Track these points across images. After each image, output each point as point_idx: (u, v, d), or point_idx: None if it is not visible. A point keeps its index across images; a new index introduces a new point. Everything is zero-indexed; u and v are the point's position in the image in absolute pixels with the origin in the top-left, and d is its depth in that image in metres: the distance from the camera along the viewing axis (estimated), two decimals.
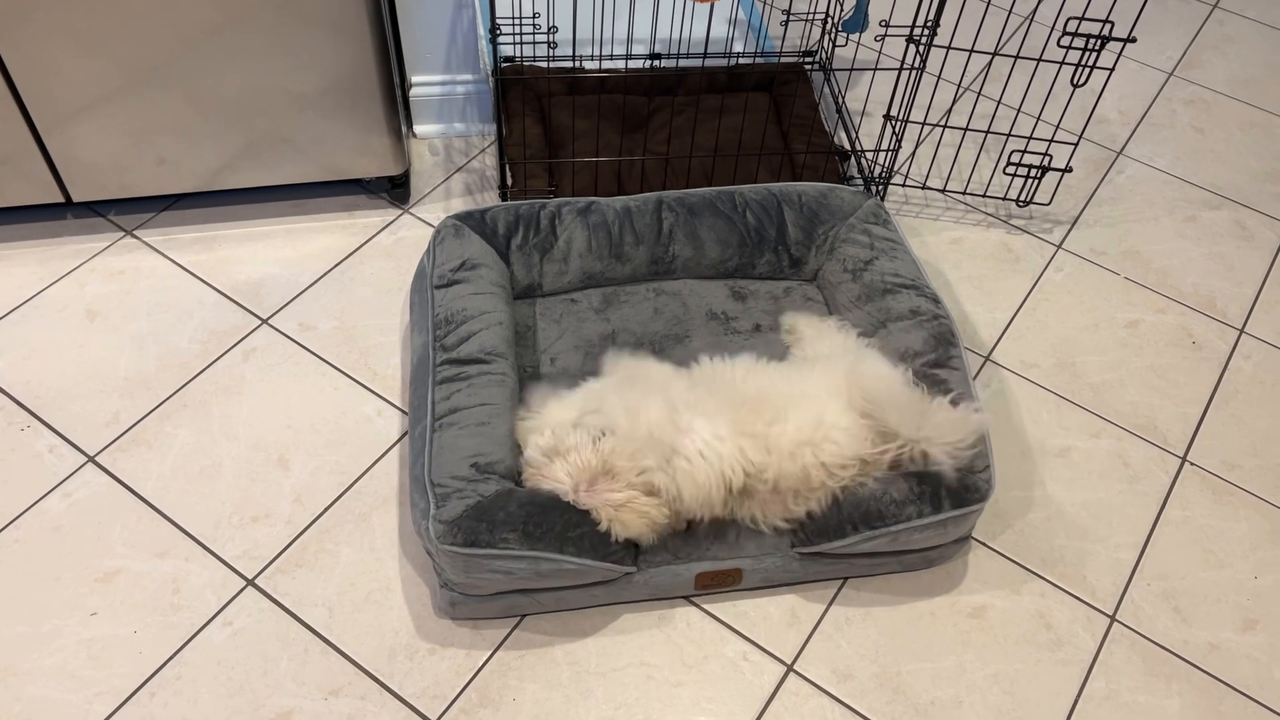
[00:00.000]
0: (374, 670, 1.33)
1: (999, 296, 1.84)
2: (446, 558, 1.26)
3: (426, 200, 1.93)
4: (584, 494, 1.26)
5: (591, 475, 1.26)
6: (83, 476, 1.50)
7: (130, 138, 1.67)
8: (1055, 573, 1.48)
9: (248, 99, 1.65)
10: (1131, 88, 2.30)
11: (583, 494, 1.26)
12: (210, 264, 1.78)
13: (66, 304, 1.71)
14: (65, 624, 1.35)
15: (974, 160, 2.04)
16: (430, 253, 1.59)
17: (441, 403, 1.39)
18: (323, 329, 1.70)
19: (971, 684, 1.36)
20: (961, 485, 1.33)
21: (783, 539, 1.38)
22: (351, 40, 1.61)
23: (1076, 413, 1.67)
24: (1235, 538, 1.54)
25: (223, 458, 1.53)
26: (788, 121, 1.97)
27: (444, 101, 2.00)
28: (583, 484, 1.27)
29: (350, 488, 1.51)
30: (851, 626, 1.41)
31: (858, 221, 1.68)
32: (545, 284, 1.66)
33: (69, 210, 1.85)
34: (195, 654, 1.34)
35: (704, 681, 1.35)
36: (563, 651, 1.36)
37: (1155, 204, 2.04)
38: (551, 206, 1.65)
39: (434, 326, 1.49)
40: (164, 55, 1.57)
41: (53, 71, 1.56)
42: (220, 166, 1.75)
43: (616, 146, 1.90)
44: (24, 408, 1.57)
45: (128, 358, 1.64)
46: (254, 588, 1.40)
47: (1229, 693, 1.38)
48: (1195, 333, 1.81)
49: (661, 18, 1.91)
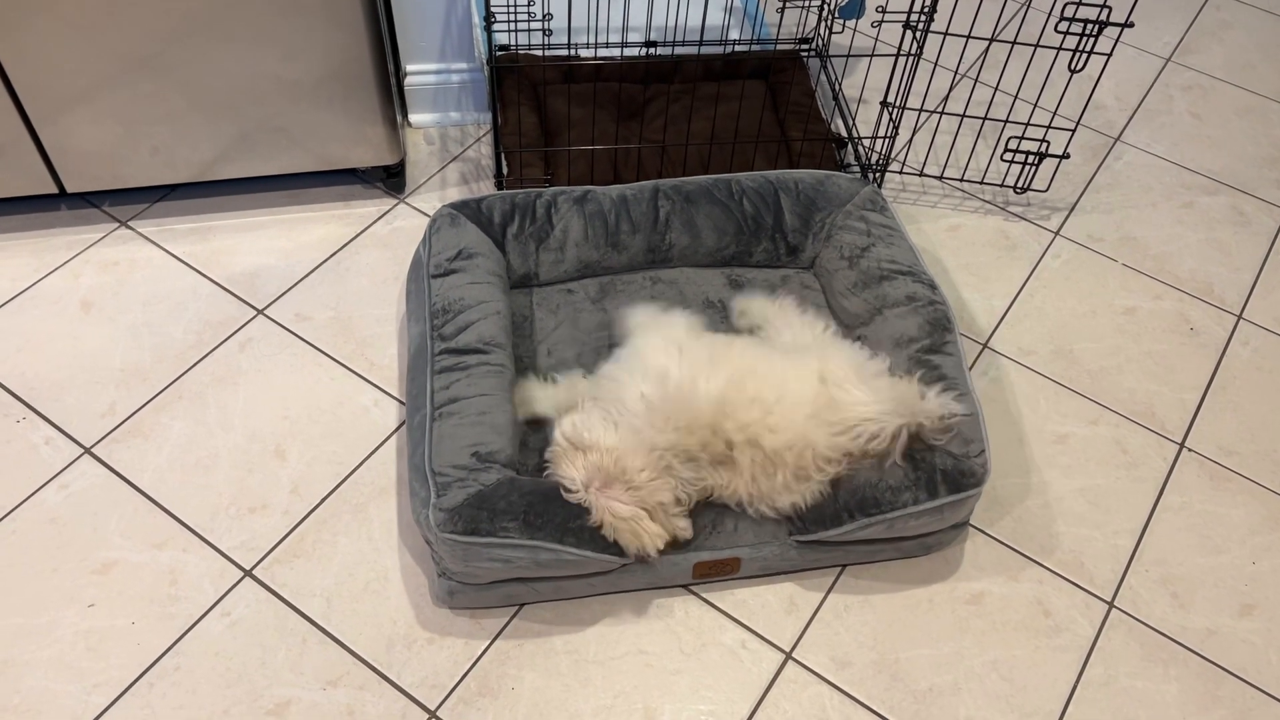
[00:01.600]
0: (372, 660, 1.33)
1: (996, 283, 1.84)
2: (446, 546, 1.26)
3: (422, 190, 1.92)
4: (594, 493, 1.27)
5: (606, 479, 1.27)
6: (79, 468, 1.49)
7: (124, 128, 1.66)
8: (1053, 559, 1.48)
9: (242, 88, 1.64)
10: (1129, 73, 2.29)
11: (593, 493, 1.27)
12: (205, 255, 1.78)
13: (61, 295, 1.70)
14: (63, 615, 1.35)
15: (971, 147, 2.03)
16: (426, 242, 1.58)
17: (441, 392, 1.39)
18: (319, 319, 1.70)
19: (970, 670, 1.37)
20: (957, 470, 1.33)
21: (780, 527, 1.38)
22: (346, 29, 1.60)
23: (1074, 399, 1.67)
24: (1233, 523, 1.54)
25: (219, 449, 1.53)
26: (784, 109, 1.96)
27: (439, 90, 1.99)
28: (595, 484, 1.27)
29: (347, 478, 1.51)
30: (850, 614, 1.41)
31: (854, 208, 1.67)
32: (542, 273, 1.66)
33: (63, 201, 1.84)
34: (193, 645, 1.34)
35: (702, 670, 1.35)
36: (561, 640, 1.36)
37: (1152, 190, 2.04)
38: (547, 195, 1.65)
39: (431, 316, 1.48)
40: (157, 44, 1.56)
41: (45, 61, 1.55)
42: (214, 157, 1.74)
43: (613, 135, 1.90)
44: (19, 399, 1.57)
45: (123, 349, 1.64)
46: (251, 578, 1.40)
47: (1226, 677, 1.38)
48: (1193, 319, 1.81)
49: (657, 5, 1.90)
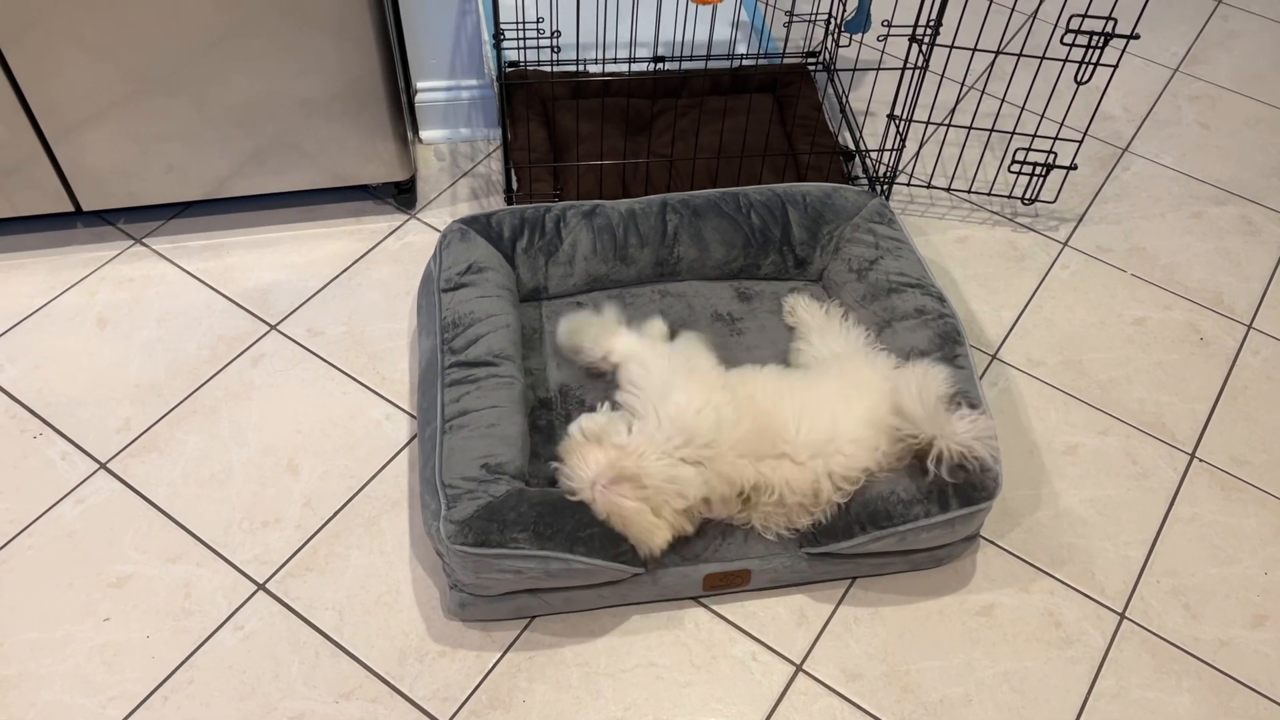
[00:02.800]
0: (384, 673, 1.34)
1: (1005, 294, 1.84)
2: (457, 558, 1.27)
3: (433, 205, 1.94)
4: (599, 489, 1.26)
5: (617, 476, 1.26)
6: (95, 483, 1.51)
7: (138, 146, 1.68)
8: (1064, 570, 1.48)
9: (254, 106, 1.66)
10: (1136, 84, 2.29)
11: (598, 489, 1.26)
12: (219, 271, 1.79)
13: (77, 312, 1.72)
14: (78, 629, 1.36)
15: (979, 159, 2.04)
16: (437, 257, 1.60)
17: (451, 405, 1.40)
18: (331, 334, 1.71)
19: (981, 682, 1.36)
20: (968, 484, 1.33)
21: (791, 540, 1.38)
22: (357, 47, 1.62)
23: (1084, 410, 1.67)
24: (1245, 534, 1.54)
25: (233, 463, 1.54)
26: (792, 122, 1.97)
27: (449, 107, 2.00)
28: (602, 481, 1.26)
29: (359, 491, 1.52)
30: (860, 626, 1.41)
31: (862, 221, 1.68)
32: (551, 287, 1.67)
33: (79, 219, 1.86)
34: (207, 658, 1.35)
35: (713, 682, 1.35)
36: (572, 653, 1.37)
37: (1161, 200, 2.04)
38: (556, 210, 1.66)
39: (441, 329, 1.49)
40: (171, 63, 1.58)
41: (61, 81, 1.57)
42: (228, 174, 1.76)
43: (621, 149, 1.91)
44: (36, 415, 1.58)
45: (138, 365, 1.65)
46: (265, 592, 1.41)
47: (1239, 689, 1.38)
48: (1203, 329, 1.81)
49: (664, 20, 1.91)
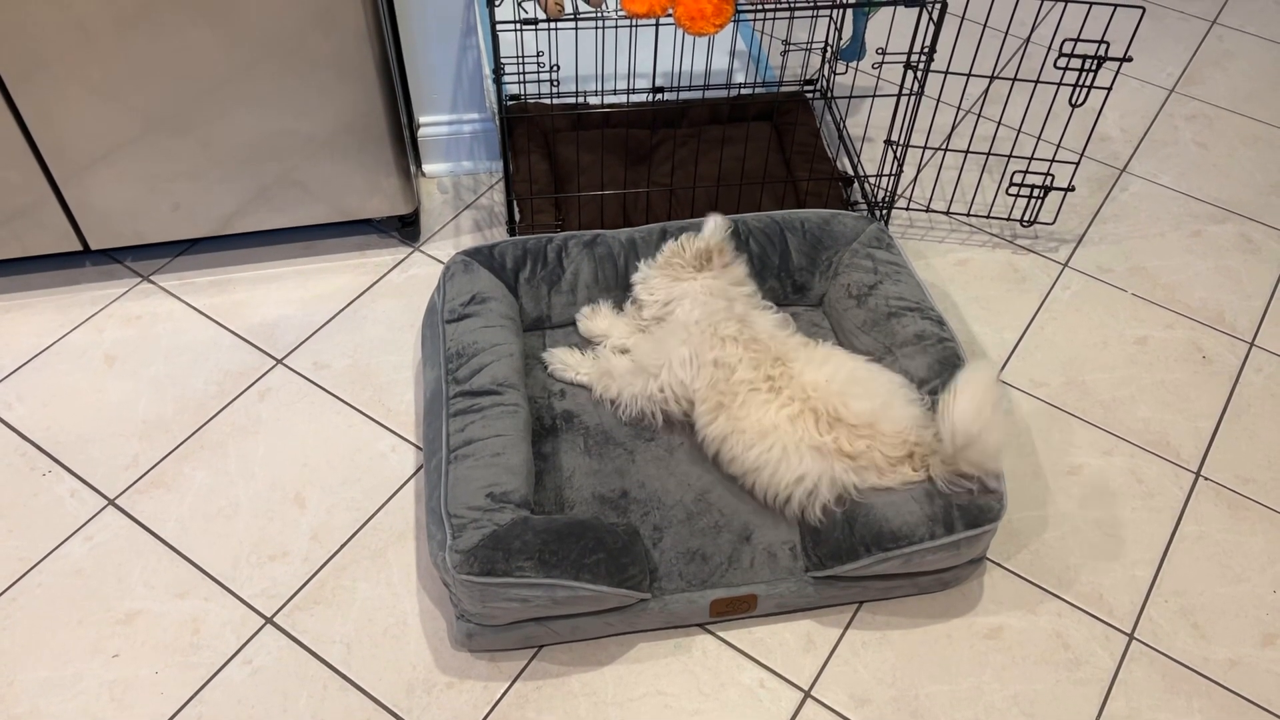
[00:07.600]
0: (392, 705, 1.34)
1: (1006, 316, 1.85)
2: (464, 587, 1.27)
3: (436, 238, 1.96)
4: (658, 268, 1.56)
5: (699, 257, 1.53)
6: (103, 520, 1.52)
7: (145, 185, 1.70)
8: (1071, 591, 1.48)
9: (259, 144, 1.69)
10: (1133, 105, 2.31)
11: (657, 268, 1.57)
12: (225, 307, 1.81)
13: (85, 350, 1.74)
14: (88, 666, 1.37)
15: (977, 182, 2.05)
16: (440, 288, 1.61)
17: (456, 434, 1.41)
18: (336, 367, 1.72)
19: (990, 705, 1.36)
20: (974, 505, 1.33)
21: (796, 564, 1.38)
22: (359, 84, 1.64)
23: (1088, 430, 1.67)
24: (1252, 552, 1.53)
25: (240, 497, 1.55)
26: (790, 149, 1.99)
27: (451, 140, 2.03)
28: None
29: (366, 524, 1.52)
30: (868, 650, 1.41)
31: (861, 246, 1.69)
32: (554, 315, 1.68)
33: (87, 258, 1.89)
34: (216, 693, 1.35)
35: (721, 710, 1.35)
36: (580, 682, 1.37)
37: (1160, 220, 2.05)
38: (558, 240, 1.67)
39: (446, 360, 1.51)
40: (176, 103, 1.61)
41: (69, 123, 1.59)
42: (233, 211, 1.78)
43: (621, 179, 1.93)
44: (45, 453, 1.60)
45: (146, 401, 1.67)
46: (273, 626, 1.41)
47: (1250, 708, 1.37)
48: (1205, 347, 1.81)
49: (662, 51, 1.94)
